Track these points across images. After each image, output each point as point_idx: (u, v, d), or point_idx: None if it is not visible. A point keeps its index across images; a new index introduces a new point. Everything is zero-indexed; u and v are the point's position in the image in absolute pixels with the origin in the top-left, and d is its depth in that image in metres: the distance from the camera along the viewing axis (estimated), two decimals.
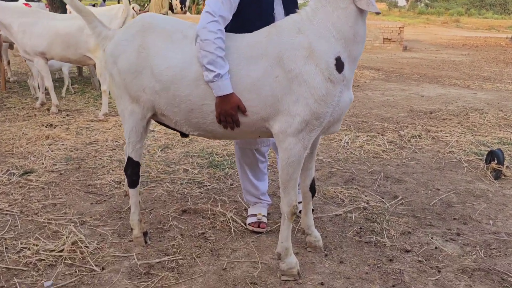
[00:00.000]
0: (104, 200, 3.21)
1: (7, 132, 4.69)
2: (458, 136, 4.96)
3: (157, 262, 2.45)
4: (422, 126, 5.38)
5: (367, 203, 3.24)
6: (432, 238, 2.79)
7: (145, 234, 2.64)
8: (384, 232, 2.83)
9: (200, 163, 3.95)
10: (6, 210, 3.00)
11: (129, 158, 2.57)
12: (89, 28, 2.56)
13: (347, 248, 2.65)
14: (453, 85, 8.46)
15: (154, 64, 2.25)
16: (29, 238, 2.65)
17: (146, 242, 2.62)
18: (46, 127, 4.94)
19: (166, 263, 2.45)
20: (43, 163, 3.85)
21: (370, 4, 1.99)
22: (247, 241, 2.69)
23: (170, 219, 2.94)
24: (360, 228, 2.88)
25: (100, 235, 2.74)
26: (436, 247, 2.68)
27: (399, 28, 16.20)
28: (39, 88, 5.99)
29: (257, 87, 2.13)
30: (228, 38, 2.20)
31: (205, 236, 2.73)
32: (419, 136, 4.93)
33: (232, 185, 3.53)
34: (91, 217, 2.95)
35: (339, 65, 2.07)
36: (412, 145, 4.63)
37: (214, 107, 2.20)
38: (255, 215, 2.85)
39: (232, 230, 2.80)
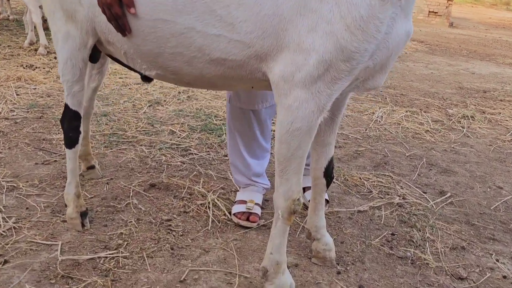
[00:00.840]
0: (55, 161, 2.44)
1: None
2: None
3: (89, 260, 1.67)
4: (475, 106, 4.39)
5: (403, 198, 2.37)
6: (497, 260, 1.92)
7: (83, 214, 1.85)
8: (427, 244, 1.97)
9: (192, 125, 3.13)
10: None
11: (66, 106, 1.76)
12: None
13: (371, 263, 1.81)
14: (509, 65, 7.30)
15: None
16: None
17: (83, 225, 1.84)
18: (24, 68, 4.19)
19: (102, 261, 1.66)
20: (1, 108, 3.11)
21: None
22: (227, 239, 1.88)
23: (131, 195, 2.15)
24: (392, 234, 2.03)
25: (27, 208, 1.97)
26: (504, 276, 1.81)
27: (448, 1, 14.72)
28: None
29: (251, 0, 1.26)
30: None
31: (169, 225, 1.93)
32: (472, 117, 3.96)
33: (226, 156, 2.70)
34: (27, 181, 2.19)
35: None
36: (463, 127, 3.68)
37: (177, 28, 1.35)
38: (244, 202, 2.03)
39: (210, 220, 1.99)
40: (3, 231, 1.78)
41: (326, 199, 2.12)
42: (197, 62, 1.39)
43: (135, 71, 1.67)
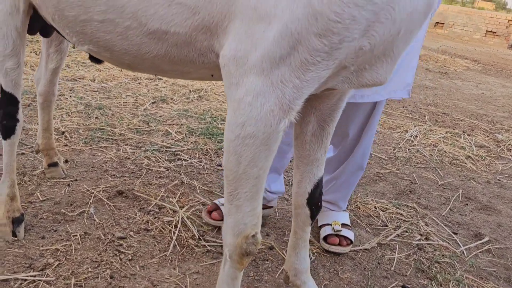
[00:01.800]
0: (22, 153, 2.14)
1: None
2: None
3: (2, 281, 1.32)
4: None
5: (426, 239, 1.89)
6: None
7: (16, 221, 1.51)
8: None
9: (192, 127, 2.76)
10: None
11: (0, 88, 1.44)
12: None
13: None
14: None
15: None
16: None
17: (14, 234, 1.50)
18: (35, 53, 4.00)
19: (17, 285, 1.31)
20: None
21: None
22: (186, 271, 1.48)
23: (90, 201, 1.80)
24: (403, 286, 1.56)
25: None
26: None
27: (508, 21, 13.79)
28: None
29: None
30: None
31: (120, 245, 1.56)
32: None
33: (220, 165, 2.32)
34: None
35: None
36: None
37: None
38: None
39: (173, 244, 1.60)
40: None
41: (349, 239, 1.69)
42: (132, 35, 1.02)
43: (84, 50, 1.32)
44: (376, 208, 2.08)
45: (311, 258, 1.61)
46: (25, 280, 1.33)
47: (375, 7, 0.79)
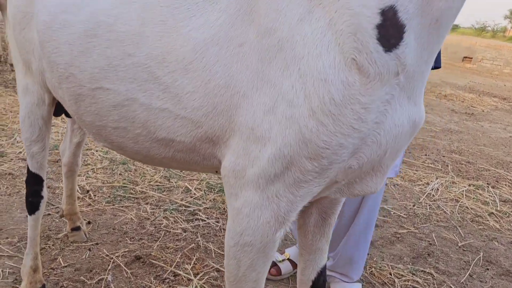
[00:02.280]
0: (48, 214, 2.25)
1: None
2: None
3: None
4: None
5: None
6: None
7: None
8: None
9: (211, 183, 2.83)
10: None
11: (27, 167, 1.55)
12: None
13: None
14: None
15: (42, 5, 1.20)
16: None
17: None
18: None
19: None
20: (21, 148, 3.04)
21: None
22: None
23: (109, 268, 1.87)
24: None
25: None
26: None
27: None
28: None
29: (200, 64, 0.96)
30: None
31: None
32: None
33: None
34: (6, 237, 2.00)
35: (389, 31, 0.80)
36: None
37: (118, 98, 1.07)
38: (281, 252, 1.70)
39: None
40: None
41: None
42: (143, 141, 1.10)
43: None
44: (391, 275, 2.06)
45: None
46: None
47: (362, 134, 0.84)
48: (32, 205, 1.57)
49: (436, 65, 1.54)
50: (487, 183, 3.46)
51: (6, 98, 4.10)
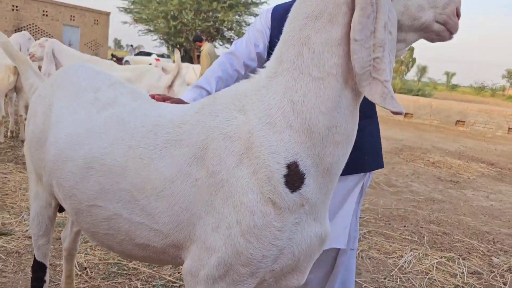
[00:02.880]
0: None
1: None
2: None
3: None
4: None
5: None
6: None
7: None
8: None
9: None
10: None
11: (34, 256, 1.87)
12: (22, 78, 2.01)
13: None
14: None
15: (51, 133, 1.57)
16: None
17: None
18: None
19: None
20: (28, 226, 3.36)
21: (387, 98, 1.08)
22: None
23: None
24: None
25: None
26: None
27: None
28: None
29: (169, 192, 1.30)
30: (149, 107, 1.45)
31: None
32: None
33: None
34: None
35: (294, 178, 1.16)
36: (505, 284, 3.25)
37: (109, 213, 1.41)
38: None
39: None
40: None
41: None
42: (126, 244, 1.43)
43: None
44: None
45: None
46: None
47: (278, 247, 1.17)
48: None
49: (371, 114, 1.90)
50: (459, 255, 3.70)
51: (16, 175, 4.48)
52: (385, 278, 3.15)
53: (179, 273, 2.88)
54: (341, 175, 1.31)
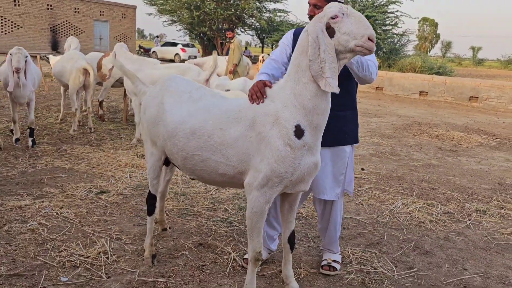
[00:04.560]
0: (145, 224, 3.80)
1: (108, 158, 5.70)
2: None
3: (151, 281, 2.88)
4: (499, 202, 4.97)
5: (375, 269, 3.25)
6: None
7: (153, 256, 3.11)
8: None
9: (241, 205, 4.34)
10: (70, 219, 3.77)
11: (149, 191, 3.11)
12: (133, 88, 3.24)
13: None
14: None
15: (165, 117, 2.78)
16: (72, 243, 3.33)
17: (153, 263, 3.09)
18: (138, 157, 5.86)
19: (158, 283, 2.87)
20: (117, 186, 4.65)
21: (327, 85, 2.24)
22: (235, 280, 2.98)
23: (186, 248, 3.38)
24: None
25: (124, 250, 3.29)
26: None
27: None
28: None
29: (236, 145, 2.50)
30: (222, 100, 2.65)
31: (203, 268, 3.10)
32: (484, 211, 4.60)
33: None
34: (126, 235, 3.55)
35: (298, 132, 2.33)
36: (469, 220, 4.36)
37: (204, 157, 2.62)
38: None
39: (228, 268, 3.12)
40: (110, 262, 3.09)
41: (335, 268, 3.13)
42: (213, 175, 2.64)
43: None
44: (348, 253, 3.47)
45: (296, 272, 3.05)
46: (160, 281, 2.89)
47: (293, 168, 2.36)
48: (150, 211, 3.12)
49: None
50: (439, 202, 4.81)
51: (95, 154, 5.81)
52: (377, 217, 4.31)
53: (229, 213, 4.11)
54: (334, 146, 2.56)
